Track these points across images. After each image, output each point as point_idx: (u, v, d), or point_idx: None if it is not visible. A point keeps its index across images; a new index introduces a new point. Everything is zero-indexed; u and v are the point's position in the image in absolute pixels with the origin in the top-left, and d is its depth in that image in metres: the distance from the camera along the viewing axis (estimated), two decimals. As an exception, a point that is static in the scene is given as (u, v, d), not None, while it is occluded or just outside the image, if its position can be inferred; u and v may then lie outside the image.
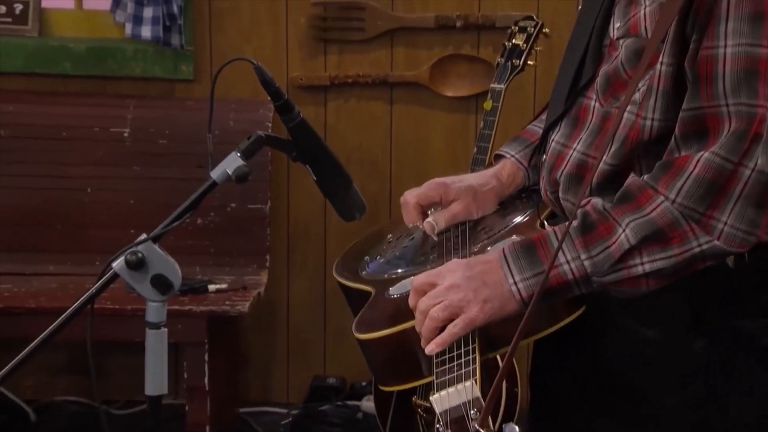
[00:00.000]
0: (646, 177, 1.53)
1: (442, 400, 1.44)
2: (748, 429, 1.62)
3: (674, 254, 1.49)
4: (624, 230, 1.50)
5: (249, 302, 3.23)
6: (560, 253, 1.54)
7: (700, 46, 1.48)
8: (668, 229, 1.49)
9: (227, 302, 3.20)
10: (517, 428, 1.32)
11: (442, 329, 1.57)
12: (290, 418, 3.56)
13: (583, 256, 1.52)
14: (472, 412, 1.38)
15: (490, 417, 1.36)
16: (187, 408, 3.20)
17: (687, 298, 1.57)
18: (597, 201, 1.56)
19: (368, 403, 3.44)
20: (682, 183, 1.48)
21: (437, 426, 1.43)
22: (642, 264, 1.50)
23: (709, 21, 1.47)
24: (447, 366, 1.54)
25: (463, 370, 1.50)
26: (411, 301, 1.63)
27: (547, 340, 1.61)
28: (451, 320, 1.56)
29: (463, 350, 1.55)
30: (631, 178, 1.55)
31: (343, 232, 3.48)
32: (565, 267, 1.52)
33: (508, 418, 2.76)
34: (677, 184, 1.48)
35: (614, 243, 1.50)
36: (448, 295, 1.58)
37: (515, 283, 1.55)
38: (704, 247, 1.48)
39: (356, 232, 2.54)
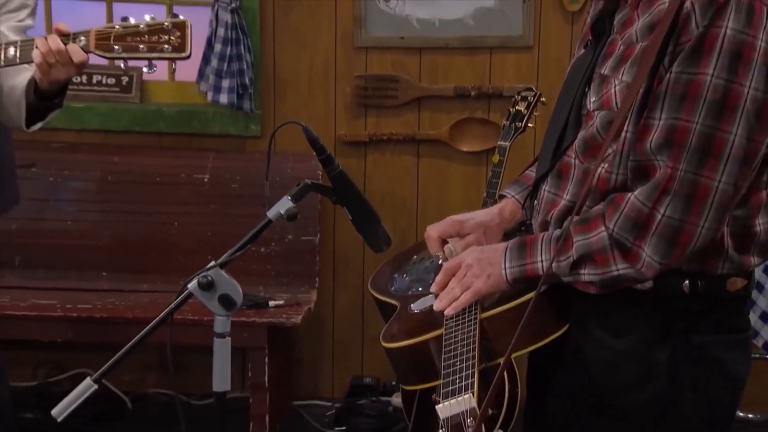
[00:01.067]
0: (602, 207, 1.56)
1: (445, 409, 1.44)
2: (698, 419, 1.62)
3: (599, 273, 1.54)
4: (573, 247, 1.56)
5: (301, 315, 3.25)
6: (538, 253, 1.60)
7: (645, 116, 1.51)
8: (596, 254, 1.53)
9: (284, 315, 3.23)
10: None
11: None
12: (333, 410, 3.58)
13: (554, 259, 1.57)
14: (468, 420, 1.39)
15: (483, 425, 1.37)
16: (250, 400, 3.23)
17: (652, 318, 1.58)
18: (576, 220, 1.58)
19: (397, 399, 3.45)
20: (617, 217, 1.51)
21: (441, 431, 1.43)
22: (585, 274, 1.55)
23: (656, 99, 1.49)
24: (451, 378, 1.54)
25: (463, 383, 1.50)
26: (440, 278, 1.71)
27: (538, 352, 1.63)
28: (465, 290, 1.65)
29: (464, 364, 1.55)
30: (596, 207, 1.58)
31: (376, 260, 3.48)
32: (539, 264, 1.59)
33: (509, 414, 2.73)
34: (614, 218, 1.52)
35: (571, 255, 1.56)
36: (466, 271, 1.67)
37: (505, 268, 1.63)
38: (621, 271, 1.52)
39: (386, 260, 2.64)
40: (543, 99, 3.13)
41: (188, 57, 1.79)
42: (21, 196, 2.89)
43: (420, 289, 1.91)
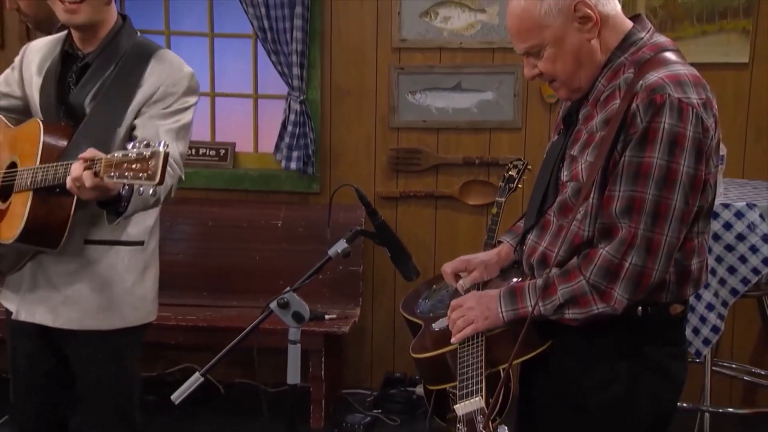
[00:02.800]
0: (578, 260, 1.53)
1: (461, 408, 1.44)
2: (649, 413, 1.59)
3: (582, 312, 1.52)
4: (558, 293, 1.53)
5: (348, 326, 3.28)
6: (527, 299, 1.56)
7: (607, 189, 1.50)
8: (580, 298, 1.51)
9: (336, 326, 3.26)
10: (506, 428, 1.33)
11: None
12: (372, 397, 3.57)
13: (539, 304, 1.54)
14: (479, 417, 1.39)
15: (491, 423, 1.37)
16: (311, 389, 3.24)
17: (613, 336, 1.56)
18: (554, 271, 1.56)
19: (420, 390, 3.45)
20: (593, 268, 1.50)
21: (458, 425, 1.42)
22: (569, 314, 1.53)
23: (615, 175, 1.49)
24: (465, 383, 1.52)
25: (474, 388, 1.49)
26: (449, 312, 1.67)
27: (528, 360, 1.60)
28: (467, 325, 1.61)
29: (475, 370, 1.53)
30: (572, 261, 1.54)
31: (405, 286, 3.41)
32: (529, 309, 1.55)
33: (504, 405, 2.70)
34: (590, 269, 1.50)
35: (555, 300, 1.53)
36: (467, 312, 1.62)
37: (502, 312, 1.59)
38: (600, 309, 1.51)
39: (412, 286, 2.61)
40: (530, 167, 3.13)
41: (160, 184, 1.52)
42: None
43: (440, 311, 1.86)
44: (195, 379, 1.69)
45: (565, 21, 1.51)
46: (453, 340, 1.63)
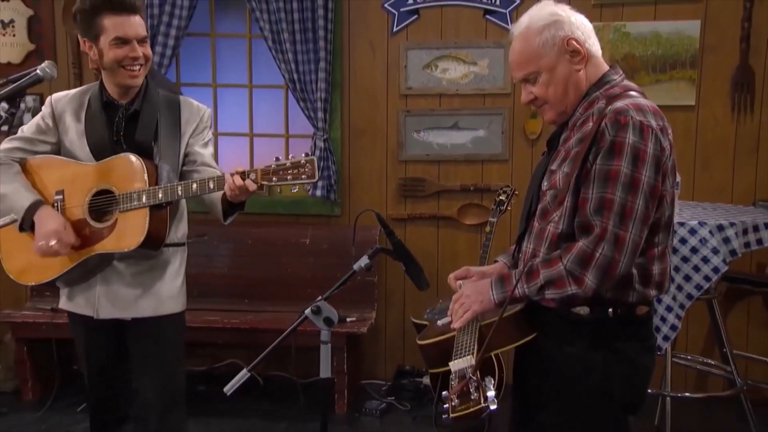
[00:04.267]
0: (559, 251, 1.52)
1: (455, 365, 1.46)
2: (621, 399, 1.57)
3: (559, 292, 1.51)
4: (540, 277, 1.52)
5: (366, 327, 3.25)
6: (514, 282, 1.56)
7: (581, 192, 1.50)
8: (557, 280, 1.50)
9: (355, 327, 3.24)
10: (492, 379, 1.34)
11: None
12: (386, 387, 3.55)
13: (525, 286, 1.54)
14: (468, 370, 1.40)
15: (478, 372, 1.37)
16: (335, 380, 3.21)
17: (589, 332, 1.55)
18: (538, 259, 1.56)
19: (426, 380, 3.45)
20: (570, 256, 1.49)
21: (451, 377, 1.41)
22: (548, 294, 1.52)
23: (587, 181, 1.50)
24: (459, 349, 1.53)
25: (467, 351, 1.50)
26: (451, 304, 1.66)
27: (519, 352, 1.61)
28: (465, 311, 1.61)
29: (469, 343, 1.53)
30: (555, 252, 1.53)
31: (413, 294, 3.57)
32: (516, 290, 1.55)
33: (498, 390, 2.59)
34: (568, 257, 1.49)
35: (538, 282, 1.52)
36: (464, 299, 1.62)
37: (493, 295, 1.58)
38: (573, 291, 1.49)
39: (417, 294, 2.58)
40: (517, 192, 3.15)
41: (317, 180, 1.72)
42: (197, 253, 2.91)
43: (442, 316, 1.84)
44: (243, 374, 1.69)
45: (559, 53, 1.55)
46: (454, 325, 1.61)
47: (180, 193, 1.89)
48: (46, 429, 3.11)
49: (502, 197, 3.11)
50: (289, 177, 1.79)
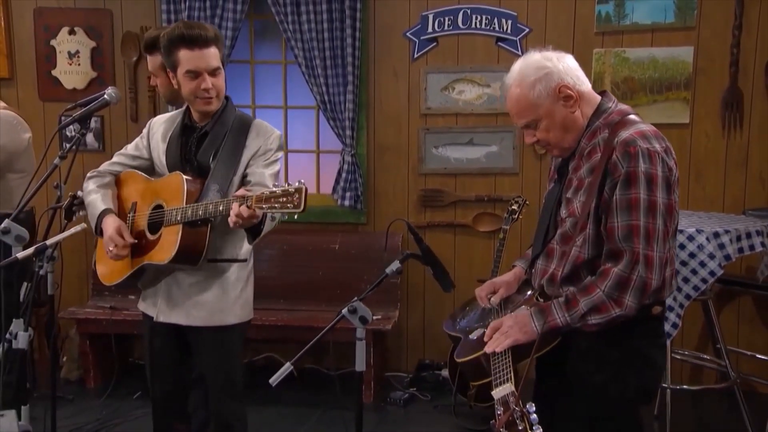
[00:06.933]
0: (593, 278, 1.50)
1: (497, 393, 1.41)
2: (638, 394, 1.56)
3: (603, 317, 1.49)
4: (581, 305, 1.50)
5: (390, 324, 3.24)
6: (554, 313, 1.52)
7: (607, 222, 1.49)
8: (600, 305, 1.48)
9: (381, 324, 3.22)
10: (533, 405, 1.25)
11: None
12: (408, 378, 3.53)
13: (566, 315, 1.51)
14: (511, 399, 1.36)
15: (520, 399, 1.33)
16: (362, 372, 3.20)
17: (606, 333, 1.52)
18: (571, 289, 1.53)
19: (445, 372, 3.43)
20: (607, 282, 1.47)
21: (495, 405, 1.36)
22: (591, 320, 1.50)
23: (609, 210, 1.48)
24: (498, 374, 1.48)
25: (505, 377, 1.45)
26: (488, 331, 1.60)
27: (543, 356, 1.56)
28: (507, 338, 1.56)
29: (504, 365, 1.51)
30: (588, 279, 1.51)
31: (434, 294, 3.55)
32: (558, 320, 1.52)
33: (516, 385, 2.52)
34: (606, 283, 1.47)
35: (579, 309, 1.50)
36: (508, 329, 1.57)
37: (536, 325, 1.54)
38: (617, 314, 1.48)
39: (437, 295, 2.60)
40: (528, 202, 3.14)
41: (303, 212, 1.55)
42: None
43: (475, 326, 1.84)
44: (287, 367, 1.67)
45: (553, 101, 1.55)
46: (490, 350, 1.56)
47: (200, 213, 1.81)
48: (108, 414, 3.14)
49: (514, 207, 3.11)
50: (277, 206, 1.61)
